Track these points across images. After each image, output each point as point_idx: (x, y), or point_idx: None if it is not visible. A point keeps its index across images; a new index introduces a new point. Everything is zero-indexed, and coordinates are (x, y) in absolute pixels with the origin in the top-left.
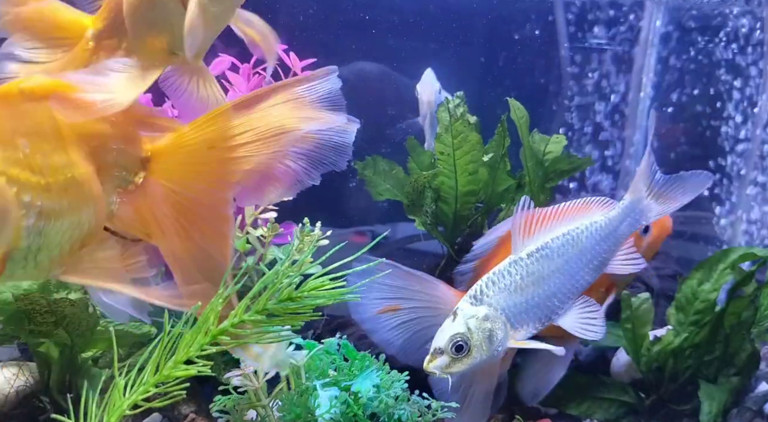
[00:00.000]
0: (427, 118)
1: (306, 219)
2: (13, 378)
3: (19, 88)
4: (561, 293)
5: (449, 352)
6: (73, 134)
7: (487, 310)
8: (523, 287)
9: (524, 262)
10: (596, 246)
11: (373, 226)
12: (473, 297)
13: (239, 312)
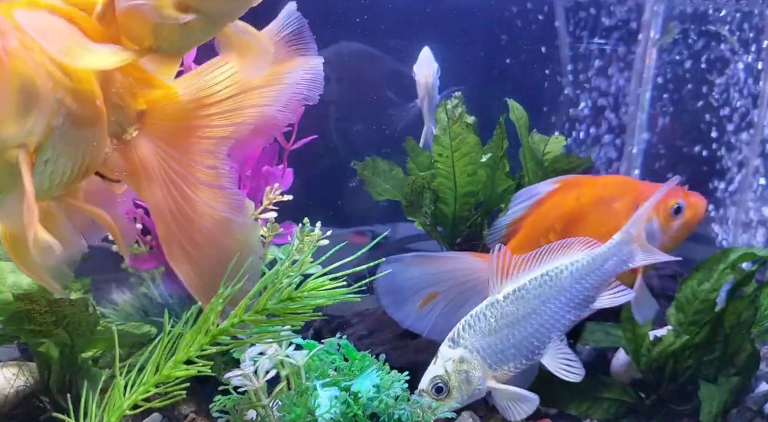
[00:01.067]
0: (425, 100)
1: (306, 219)
2: (13, 378)
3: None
4: (539, 333)
5: (431, 394)
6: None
7: (462, 352)
8: (497, 329)
9: (500, 304)
10: (577, 284)
11: (373, 226)
12: (451, 340)
13: (239, 312)
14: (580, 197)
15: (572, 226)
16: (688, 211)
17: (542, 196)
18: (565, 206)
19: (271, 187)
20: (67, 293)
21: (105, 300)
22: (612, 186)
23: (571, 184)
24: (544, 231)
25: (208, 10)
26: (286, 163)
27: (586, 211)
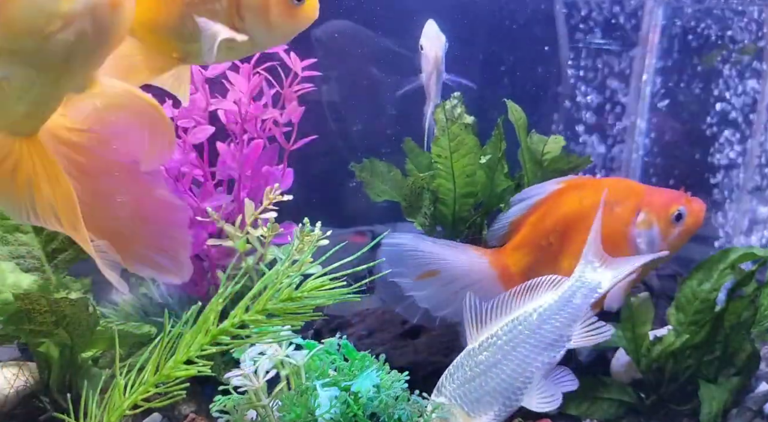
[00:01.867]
0: (433, 75)
1: (306, 219)
2: (13, 378)
3: None
4: (512, 378)
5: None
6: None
7: (444, 401)
8: (472, 377)
9: (475, 352)
10: (546, 324)
11: (373, 226)
12: (437, 389)
13: (239, 312)
14: (583, 199)
15: (573, 229)
16: (689, 217)
17: (545, 196)
18: (566, 208)
19: (271, 187)
20: (67, 293)
21: (105, 300)
22: (615, 189)
23: (574, 185)
24: (545, 233)
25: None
26: (286, 163)
27: (588, 214)
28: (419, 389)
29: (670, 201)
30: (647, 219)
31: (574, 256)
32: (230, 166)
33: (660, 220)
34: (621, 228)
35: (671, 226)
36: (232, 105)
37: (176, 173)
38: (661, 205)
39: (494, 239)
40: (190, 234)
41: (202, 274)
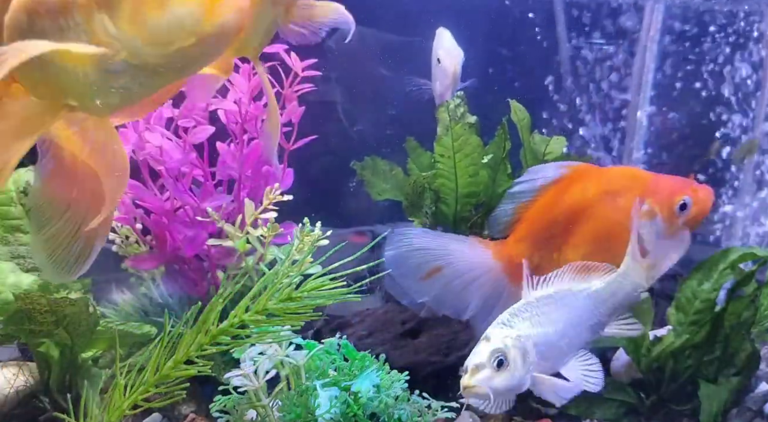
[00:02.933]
0: (450, 87)
1: (306, 219)
2: (13, 378)
3: None
4: (564, 338)
5: (492, 365)
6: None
7: (518, 333)
8: (539, 323)
9: (535, 303)
10: (591, 306)
11: (373, 226)
12: (502, 323)
13: (239, 312)
14: (585, 190)
15: (576, 220)
16: (694, 207)
17: (548, 183)
18: (569, 198)
19: (271, 187)
20: (67, 293)
21: (105, 300)
22: (619, 179)
23: (578, 173)
24: (548, 224)
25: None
26: (286, 163)
27: (590, 205)
28: (419, 389)
29: (676, 190)
30: (651, 210)
31: (578, 247)
32: (230, 166)
33: (663, 210)
34: (624, 219)
35: (675, 217)
36: (232, 105)
37: (176, 173)
38: (665, 195)
39: (497, 226)
40: (190, 234)
41: (202, 274)
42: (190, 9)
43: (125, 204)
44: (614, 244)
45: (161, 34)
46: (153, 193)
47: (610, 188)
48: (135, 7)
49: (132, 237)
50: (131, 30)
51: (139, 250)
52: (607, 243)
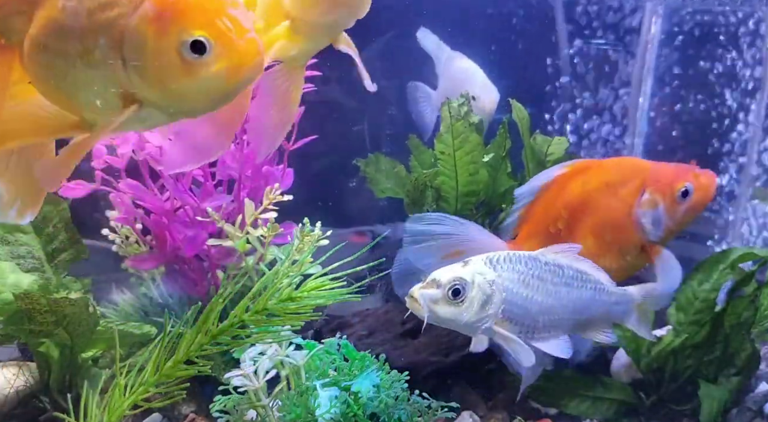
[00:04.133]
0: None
1: (306, 219)
2: (13, 378)
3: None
4: (550, 313)
5: (445, 290)
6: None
7: (495, 277)
8: (528, 284)
9: (540, 263)
10: (590, 302)
11: (373, 226)
12: (489, 260)
13: (239, 312)
14: (586, 183)
15: (579, 213)
16: (696, 193)
17: (550, 182)
18: (570, 193)
19: (271, 187)
20: (67, 293)
21: (105, 300)
22: (619, 170)
23: (579, 169)
24: (552, 219)
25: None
26: (286, 163)
27: (592, 197)
28: (419, 389)
29: (676, 177)
30: (652, 199)
31: (583, 240)
32: (230, 166)
33: (665, 199)
34: (626, 209)
35: (677, 204)
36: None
37: (176, 173)
38: (666, 183)
39: (508, 233)
40: (190, 234)
41: (202, 274)
42: (215, 74)
43: (125, 204)
44: (617, 235)
45: (187, 97)
46: (153, 193)
47: (610, 179)
48: (161, 71)
49: (132, 237)
50: (156, 90)
51: (139, 250)
52: (610, 235)
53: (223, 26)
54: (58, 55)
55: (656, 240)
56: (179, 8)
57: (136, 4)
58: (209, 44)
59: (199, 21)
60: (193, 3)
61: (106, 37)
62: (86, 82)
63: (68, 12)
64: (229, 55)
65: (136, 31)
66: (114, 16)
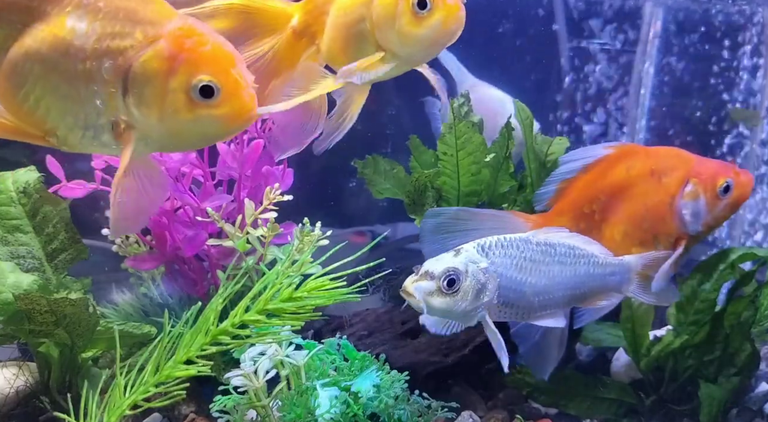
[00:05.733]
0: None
1: (306, 220)
2: (13, 378)
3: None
4: (544, 294)
5: (439, 281)
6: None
7: (488, 264)
8: (523, 269)
9: (531, 246)
10: (585, 276)
11: (373, 226)
12: (481, 247)
13: (239, 312)
14: (630, 169)
15: (618, 198)
16: (736, 190)
17: (593, 161)
18: (613, 176)
19: (271, 187)
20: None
21: (105, 300)
22: (665, 159)
23: (624, 153)
24: (590, 200)
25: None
26: (286, 163)
27: (634, 183)
28: (419, 389)
29: (719, 172)
30: (694, 191)
31: (618, 224)
32: (230, 166)
33: (707, 192)
34: (667, 199)
35: (718, 199)
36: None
37: (176, 173)
38: (709, 177)
39: (541, 203)
40: (190, 234)
41: (202, 274)
42: (217, 117)
43: None
44: (655, 225)
45: (182, 133)
46: None
47: (656, 167)
48: (166, 107)
49: (132, 237)
50: (155, 123)
51: (139, 250)
52: (648, 223)
53: (231, 77)
54: (49, 72)
55: (694, 233)
56: (195, 53)
57: (150, 40)
58: (217, 90)
59: (212, 68)
60: (209, 51)
61: (112, 65)
62: (74, 103)
63: (77, 33)
64: (231, 103)
65: (147, 66)
66: (125, 46)
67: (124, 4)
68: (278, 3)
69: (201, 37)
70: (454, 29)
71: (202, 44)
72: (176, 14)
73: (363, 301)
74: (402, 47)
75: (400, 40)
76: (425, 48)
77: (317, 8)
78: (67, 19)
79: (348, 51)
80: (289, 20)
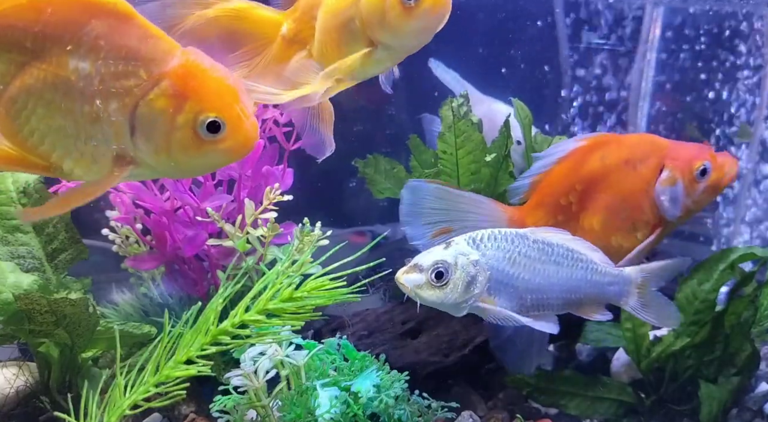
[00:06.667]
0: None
1: (306, 220)
2: (13, 378)
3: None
4: (538, 292)
5: (428, 274)
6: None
7: (479, 257)
8: (515, 261)
9: (528, 242)
10: (582, 281)
11: (373, 226)
12: (472, 240)
13: (239, 312)
14: (605, 158)
15: (594, 187)
16: (714, 173)
17: (567, 154)
18: (588, 166)
19: (271, 187)
20: (67, 293)
21: (105, 300)
22: (638, 147)
23: (597, 143)
24: (566, 191)
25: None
26: (286, 163)
27: (609, 172)
28: (419, 389)
29: (694, 156)
30: (671, 176)
31: (596, 214)
32: (230, 165)
33: (684, 177)
34: (644, 186)
35: (696, 182)
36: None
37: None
38: (684, 161)
39: (515, 196)
40: (190, 234)
41: (202, 274)
42: (222, 151)
43: (125, 204)
44: (632, 213)
45: (187, 165)
46: (153, 193)
47: (630, 156)
48: (172, 143)
49: (132, 237)
50: (162, 157)
51: (139, 250)
52: (625, 212)
53: (234, 112)
54: (53, 111)
55: (673, 218)
56: (200, 91)
57: (155, 80)
58: (223, 125)
59: (217, 104)
60: (213, 87)
61: (118, 105)
62: (78, 140)
63: (80, 73)
64: (236, 136)
65: (154, 105)
66: (130, 85)
67: (125, 41)
68: (267, 11)
69: (205, 72)
70: (442, 14)
71: (206, 80)
72: (177, 47)
73: (363, 301)
74: (394, 40)
75: (392, 33)
76: (417, 37)
77: (305, 14)
78: (70, 59)
79: (341, 51)
80: (278, 28)
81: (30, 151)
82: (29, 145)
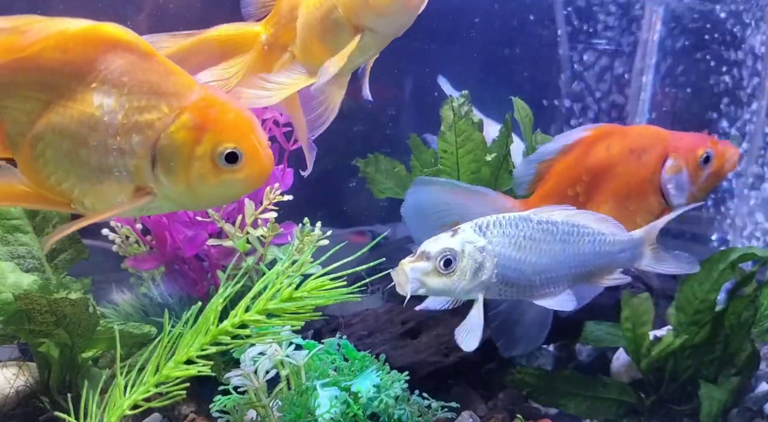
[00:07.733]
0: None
1: (306, 220)
2: (13, 378)
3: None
4: (545, 273)
5: (435, 262)
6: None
7: (486, 244)
8: (521, 246)
9: (532, 224)
10: (591, 255)
11: (373, 226)
12: (479, 227)
13: (239, 312)
14: (610, 148)
15: (600, 178)
16: (716, 160)
17: (572, 143)
18: (594, 156)
19: (271, 187)
20: (67, 293)
21: (105, 300)
22: (642, 137)
23: (602, 132)
24: (572, 182)
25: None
26: (286, 163)
27: (615, 162)
28: (419, 389)
29: (697, 144)
30: (676, 165)
31: (602, 205)
32: None
33: (689, 164)
34: (649, 175)
35: (700, 169)
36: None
37: None
38: (688, 150)
39: (520, 184)
40: (190, 234)
41: (202, 274)
42: (240, 180)
43: None
44: (637, 202)
45: (206, 195)
46: None
47: (634, 145)
48: (192, 174)
49: (132, 237)
50: (182, 188)
51: (139, 250)
52: (630, 201)
53: (251, 142)
54: (78, 147)
55: (678, 206)
56: (219, 123)
57: (176, 113)
58: (240, 155)
59: (235, 136)
60: (231, 120)
61: (141, 138)
62: (101, 175)
63: (105, 109)
64: (253, 165)
65: (175, 137)
66: (152, 119)
67: (147, 77)
68: (243, 26)
69: (223, 106)
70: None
71: (224, 113)
72: (196, 84)
73: (363, 301)
74: (379, 21)
75: (375, 13)
76: (402, 15)
77: (283, 17)
78: (94, 96)
79: (325, 44)
80: (257, 39)
81: (51, 189)
82: (52, 182)
